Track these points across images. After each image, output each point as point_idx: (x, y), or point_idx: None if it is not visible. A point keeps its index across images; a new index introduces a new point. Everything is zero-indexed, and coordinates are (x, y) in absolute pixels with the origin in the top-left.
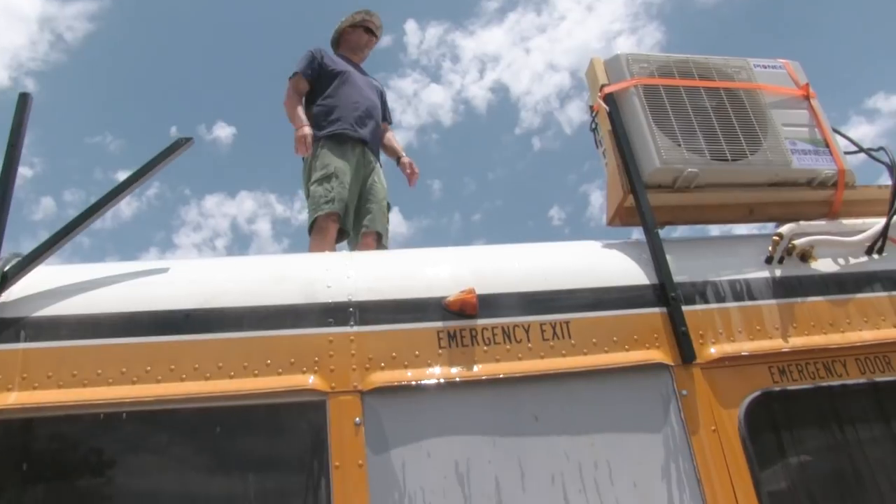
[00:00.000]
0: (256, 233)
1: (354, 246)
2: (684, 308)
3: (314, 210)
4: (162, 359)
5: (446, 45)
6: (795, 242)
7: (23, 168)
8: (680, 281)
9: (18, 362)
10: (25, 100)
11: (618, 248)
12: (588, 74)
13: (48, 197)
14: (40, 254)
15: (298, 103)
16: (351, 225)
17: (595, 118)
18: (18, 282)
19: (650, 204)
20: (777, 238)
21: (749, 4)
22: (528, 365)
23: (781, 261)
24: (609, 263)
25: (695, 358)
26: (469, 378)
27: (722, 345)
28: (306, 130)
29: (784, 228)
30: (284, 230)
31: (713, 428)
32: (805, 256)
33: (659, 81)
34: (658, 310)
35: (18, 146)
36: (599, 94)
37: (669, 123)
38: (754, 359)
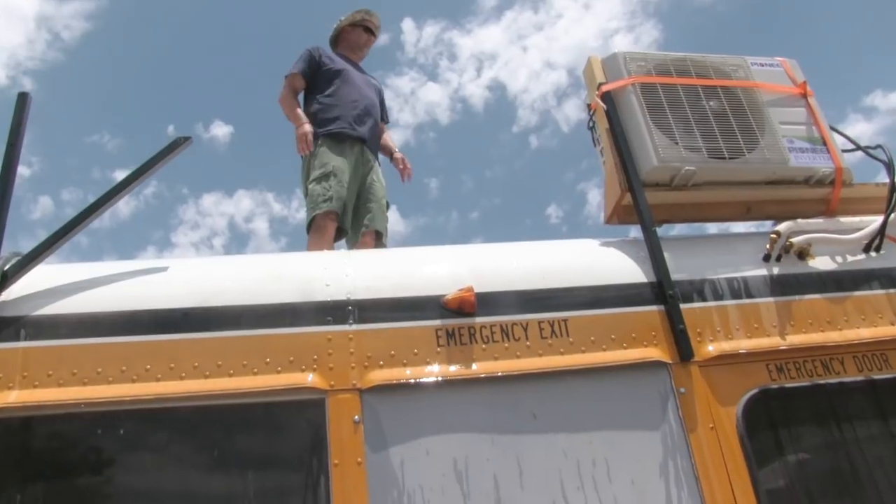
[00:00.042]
0: (254, 231)
1: (353, 244)
2: (682, 306)
3: (312, 208)
4: (161, 357)
5: (443, 44)
6: (793, 240)
7: (21, 167)
8: (678, 279)
9: (19, 361)
10: (25, 99)
11: (616, 247)
12: (586, 73)
13: (46, 196)
14: (40, 253)
15: (295, 102)
16: (349, 223)
17: (593, 116)
18: (18, 281)
19: (648, 202)
20: (775, 236)
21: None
22: (527, 363)
23: (779, 259)
24: (607, 261)
25: (693, 356)
26: (467, 376)
27: (720, 342)
28: (307, 128)
29: (782, 226)
30: (282, 229)
31: (711, 425)
32: (803, 254)
33: (656, 80)
34: (656, 308)
35: (18, 146)
36: (597, 93)
37: (667, 122)
38: (752, 356)
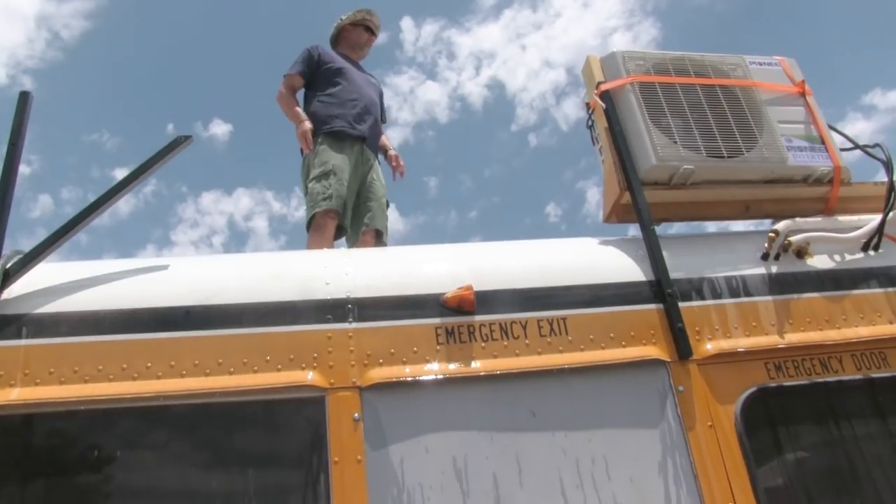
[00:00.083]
0: (253, 230)
1: (353, 243)
2: (681, 304)
3: (312, 207)
4: (162, 355)
5: (442, 42)
6: (791, 239)
7: (21, 166)
8: (676, 277)
9: (20, 359)
10: (26, 98)
11: (614, 245)
12: (584, 72)
13: (46, 195)
14: (41, 251)
15: (293, 100)
16: (349, 222)
17: (591, 115)
18: (20, 279)
19: (646, 201)
20: (773, 235)
21: (745, 1)
22: (526, 361)
23: (777, 257)
24: (606, 260)
25: (691, 354)
26: (467, 374)
27: (718, 341)
28: (307, 125)
29: (780, 225)
30: (281, 227)
31: (710, 424)
32: (801, 253)
33: (655, 79)
34: (655, 306)
35: (19, 145)
36: (596, 92)
37: (665, 120)
38: (750, 355)
